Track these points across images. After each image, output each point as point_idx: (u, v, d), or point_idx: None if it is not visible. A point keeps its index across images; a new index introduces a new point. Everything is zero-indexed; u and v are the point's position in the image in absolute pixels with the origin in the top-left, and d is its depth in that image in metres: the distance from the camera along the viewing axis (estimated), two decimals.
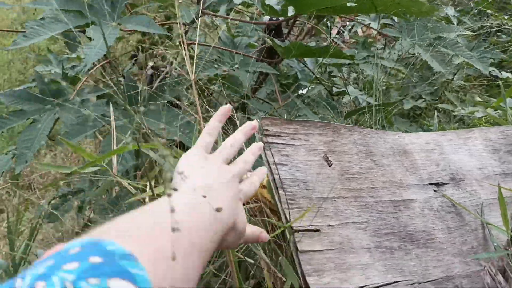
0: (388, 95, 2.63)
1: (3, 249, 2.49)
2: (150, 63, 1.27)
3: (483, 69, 2.16)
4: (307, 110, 1.13)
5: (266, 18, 1.85)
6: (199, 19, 1.39)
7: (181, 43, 1.34)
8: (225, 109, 0.64)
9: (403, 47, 2.00)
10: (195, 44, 1.53)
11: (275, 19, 1.75)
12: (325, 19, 2.52)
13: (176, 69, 1.52)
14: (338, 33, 3.12)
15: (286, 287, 0.65)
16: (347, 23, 3.15)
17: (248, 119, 1.73)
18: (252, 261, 0.70)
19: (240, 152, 0.64)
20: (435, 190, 1.00)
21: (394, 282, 0.78)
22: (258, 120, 0.76)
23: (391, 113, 2.06)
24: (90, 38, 0.98)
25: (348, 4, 1.16)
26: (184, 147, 1.19)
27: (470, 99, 2.96)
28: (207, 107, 1.79)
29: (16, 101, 1.20)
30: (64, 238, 2.53)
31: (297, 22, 2.18)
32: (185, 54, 0.72)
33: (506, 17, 3.20)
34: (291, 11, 1.78)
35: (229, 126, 1.01)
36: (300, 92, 2.43)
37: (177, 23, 1.36)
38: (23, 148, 1.09)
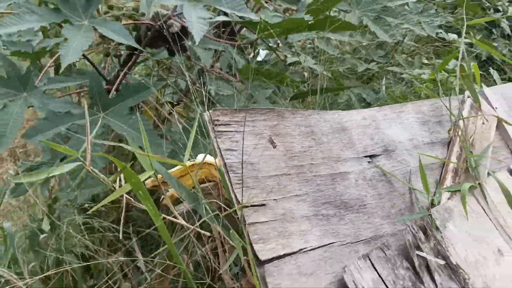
0: (344, 62, 2.75)
1: None
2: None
3: (430, 32, 2.32)
4: (262, 98, 1.24)
5: None
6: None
7: None
8: None
9: (353, 20, 2.11)
10: None
11: None
12: None
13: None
14: None
15: (235, 252, 0.79)
16: None
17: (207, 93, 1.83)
18: (208, 234, 0.83)
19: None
20: (369, 162, 1.15)
21: (329, 244, 0.94)
22: (210, 112, 0.87)
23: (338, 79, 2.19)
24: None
25: None
26: None
27: (418, 61, 3.13)
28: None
29: None
30: (28, 208, 2.62)
31: None
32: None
33: None
34: None
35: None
36: (258, 58, 2.53)
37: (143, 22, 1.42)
38: None
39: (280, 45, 2.25)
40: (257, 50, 2.38)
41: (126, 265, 1.65)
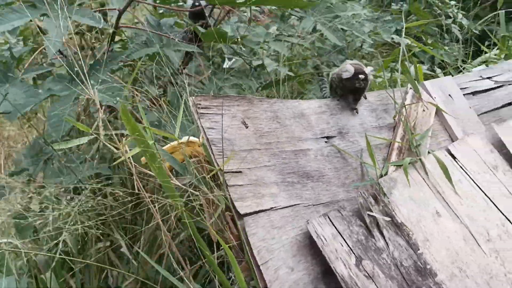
0: (306, 65, 2.99)
1: None
2: None
3: (386, 37, 2.58)
4: (228, 88, 1.45)
5: (189, 2, 2.13)
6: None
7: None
8: None
9: (308, 25, 2.34)
10: (127, 27, 1.78)
11: (198, 4, 2.04)
12: None
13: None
14: None
15: (219, 208, 0.98)
16: None
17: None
18: (196, 192, 1.02)
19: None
20: (326, 142, 1.36)
21: (295, 204, 1.14)
22: (193, 98, 1.07)
23: (302, 81, 2.41)
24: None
25: None
26: None
27: (375, 64, 3.40)
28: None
29: None
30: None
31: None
32: None
33: None
34: None
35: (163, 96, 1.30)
36: (224, 65, 2.73)
37: (111, 9, 1.61)
38: None
39: (243, 49, 2.45)
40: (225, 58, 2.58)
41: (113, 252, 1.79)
